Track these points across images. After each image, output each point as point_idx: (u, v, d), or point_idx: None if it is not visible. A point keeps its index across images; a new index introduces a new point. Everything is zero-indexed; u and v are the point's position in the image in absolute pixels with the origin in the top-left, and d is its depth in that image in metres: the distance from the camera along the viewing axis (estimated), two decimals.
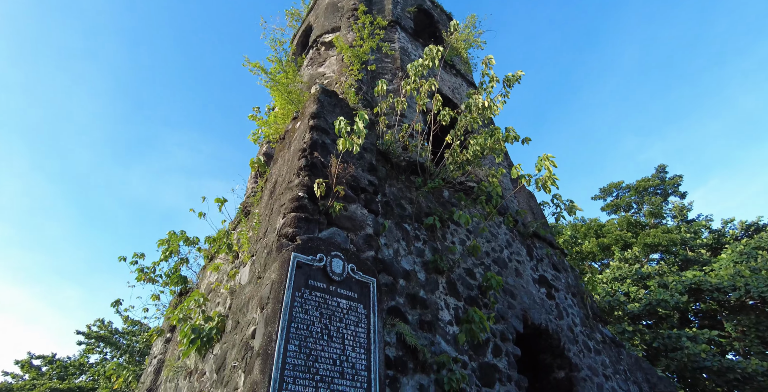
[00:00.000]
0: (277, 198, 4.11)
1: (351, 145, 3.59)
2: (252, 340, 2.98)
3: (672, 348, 15.77)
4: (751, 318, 18.48)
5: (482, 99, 5.80)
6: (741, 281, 18.24)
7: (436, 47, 5.64)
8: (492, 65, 5.93)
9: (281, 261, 3.05)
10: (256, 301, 3.14)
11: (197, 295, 5.47)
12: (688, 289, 18.78)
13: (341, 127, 3.66)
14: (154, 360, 8.14)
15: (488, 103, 5.77)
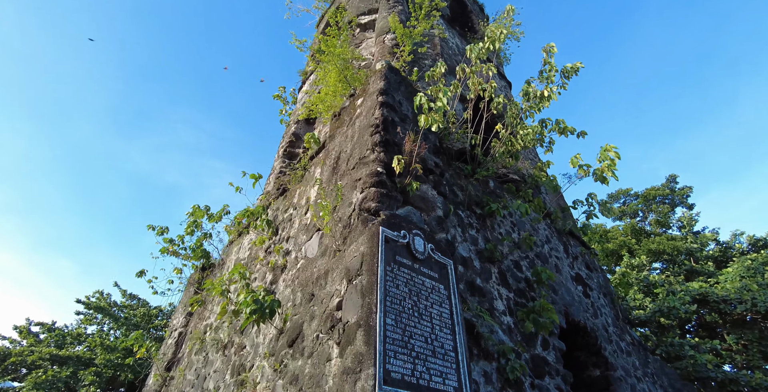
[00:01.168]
0: (346, 173, 4.00)
1: (432, 122, 3.47)
2: (338, 312, 2.90)
3: (675, 357, 15.79)
4: (754, 333, 18.51)
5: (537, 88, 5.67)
6: (748, 295, 18.24)
7: (499, 28, 5.49)
8: (554, 53, 5.78)
9: (370, 235, 2.95)
10: (339, 273, 3.05)
11: (240, 268, 5.39)
12: (694, 299, 18.83)
13: (422, 103, 3.54)
14: (175, 333, 8.09)
15: (547, 93, 5.64)
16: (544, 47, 5.89)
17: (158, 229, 9.17)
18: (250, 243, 7.39)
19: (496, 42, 5.67)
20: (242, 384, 4.70)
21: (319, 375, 2.60)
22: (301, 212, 5.87)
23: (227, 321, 6.25)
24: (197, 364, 6.55)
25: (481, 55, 5.48)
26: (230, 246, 8.57)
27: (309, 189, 6.03)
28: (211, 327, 6.93)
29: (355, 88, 5.43)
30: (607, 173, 4.73)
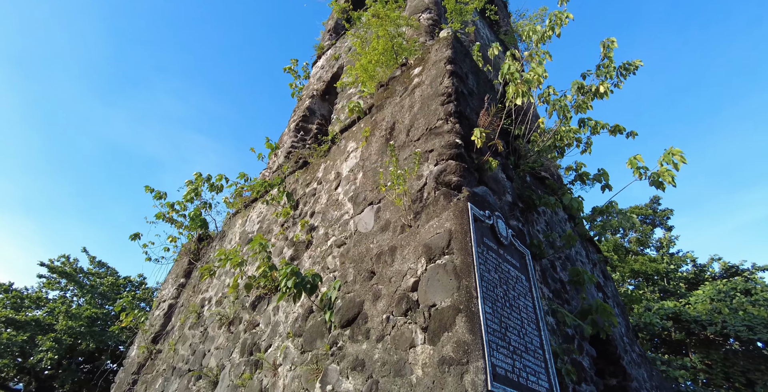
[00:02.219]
0: (408, 144, 3.63)
1: (519, 95, 3.15)
2: (413, 293, 2.55)
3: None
4: (719, 354, 19.15)
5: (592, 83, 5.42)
6: (719, 318, 18.85)
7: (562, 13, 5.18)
8: (613, 48, 5.52)
9: (457, 211, 2.61)
10: (412, 251, 2.70)
11: (261, 240, 4.96)
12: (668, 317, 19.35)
13: (512, 71, 3.20)
14: (164, 304, 7.57)
15: (603, 89, 5.39)
16: (603, 41, 5.61)
17: (156, 193, 8.56)
18: (261, 217, 6.92)
19: (556, 27, 5.36)
20: (257, 364, 4.31)
21: (397, 362, 2.26)
22: (330, 187, 5.46)
23: (232, 296, 5.81)
24: (193, 339, 6.09)
25: (542, 40, 5.17)
26: (233, 218, 8.06)
27: (340, 163, 5.62)
28: (210, 301, 6.46)
29: (406, 58, 5.04)
30: (665, 179, 4.51)
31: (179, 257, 8.47)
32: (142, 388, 6.43)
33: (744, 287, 21.64)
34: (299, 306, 4.32)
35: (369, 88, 5.58)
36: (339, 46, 11.37)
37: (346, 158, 5.54)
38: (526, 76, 3.30)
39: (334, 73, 10.24)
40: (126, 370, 7.05)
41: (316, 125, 9.82)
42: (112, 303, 30.38)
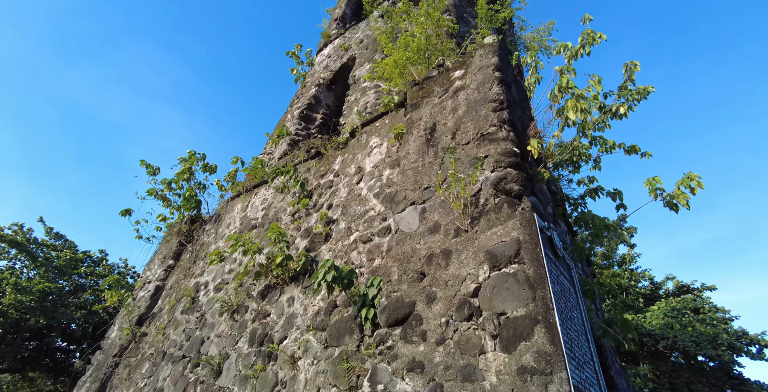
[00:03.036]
0: (457, 147, 3.63)
1: (579, 112, 3.21)
2: (474, 299, 2.56)
3: None
4: (668, 365, 20.43)
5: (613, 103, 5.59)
6: (671, 333, 20.07)
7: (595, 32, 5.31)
8: (636, 71, 5.71)
9: (524, 221, 2.64)
10: (471, 256, 2.72)
11: (278, 229, 4.86)
12: None
13: (570, 85, 3.27)
14: (149, 286, 7.28)
15: (623, 110, 5.57)
16: (626, 63, 5.80)
17: (150, 168, 8.18)
18: (266, 204, 6.75)
19: (587, 46, 5.49)
20: (270, 356, 4.21)
21: (465, 368, 2.26)
22: (350, 180, 5.38)
23: (234, 283, 5.64)
24: (187, 324, 5.87)
25: (575, 56, 5.28)
26: (231, 202, 7.81)
27: (361, 157, 5.55)
28: (207, 287, 6.25)
29: (443, 59, 5.02)
30: (681, 201, 4.71)
31: (169, 237, 8.13)
32: (125, 372, 6.15)
33: (693, 305, 23.08)
34: (320, 299, 4.25)
35: (398, 85, 5.52)
36: (348, 37, 11.18)
37: (369, 153, 5.48)
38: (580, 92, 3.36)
39: (343, 64, 10.08)
40: (106, 352, 6.72)
41: (321, 114, 9.65)
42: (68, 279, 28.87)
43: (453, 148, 3.65)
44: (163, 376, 5.40)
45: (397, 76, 5.55)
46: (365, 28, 10.68)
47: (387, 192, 4.60)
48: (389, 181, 4.72)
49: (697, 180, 4.71)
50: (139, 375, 5.86)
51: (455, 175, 3.06)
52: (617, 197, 5.45)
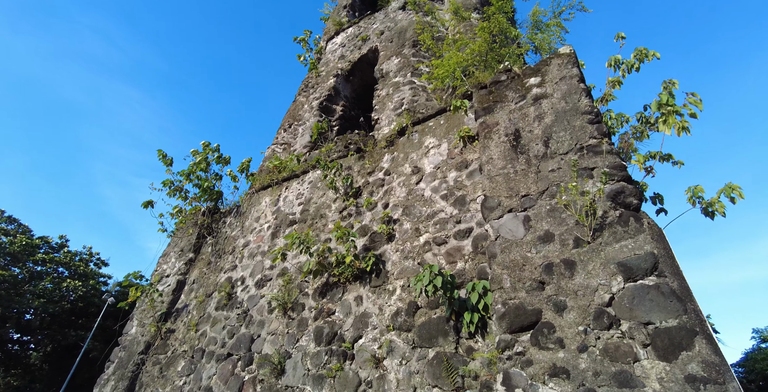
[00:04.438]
0: (553, 157, 3.74)
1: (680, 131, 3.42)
2: (608, 308, 2.71)
3: None
4: None
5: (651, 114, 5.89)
6: None
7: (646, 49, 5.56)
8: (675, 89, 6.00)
9: (656, 235, 2.81)
10: (599, 267, 2.86)
11: (343, 229, 4.84)
12: None
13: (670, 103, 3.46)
14: (170, 280, 7.01)
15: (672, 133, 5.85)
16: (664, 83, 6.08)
17: (165, 159, 7.77)
18: (303, 198, 6.62)
19: (637, 62, 5.70)
20: (345, 355, 4.21)
21: (620, 374, 2.40)
22: (407, 180, 5.39)
23: (281, 280, 5.55)
24: (226, 321, 5.71)
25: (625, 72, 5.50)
26: (257, 195, 7.58)
27: (417, 157, 5.56)
28: (244, 282, 6.10)
29: (510, 64, 5.08)
30: (719, 210, 5.06)
31: (184, 229, 7.79)
32: (155, 370, 5.92)
33: None
34: (396, 299, 4.29)
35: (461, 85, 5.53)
36: (364, 27, 10.98)
37: (425, 154, 5.49)
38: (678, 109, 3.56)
39: (363, 55, 9.91)
40: (128, 349, 6.42)
41: (341, 106, 9.49)
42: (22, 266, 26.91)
43: (545, 156, 3.76)
44: (208, 375, 5.26)
45: (456, 77, 5.56)
46: (384, 19, 10.51)
47: (458, 195, 4.66)
48: (458, 183, 4.78)
49: (738, 191, 5.07)
50: (174, 373, 5.66)
51: (576, 187, 3.18)
52: (657, 201, 5.79)
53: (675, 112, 3.62)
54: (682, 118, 3.58)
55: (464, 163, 4.91)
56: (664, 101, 3.62)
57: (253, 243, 6.68)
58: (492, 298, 3.29)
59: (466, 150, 5.05)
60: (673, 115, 3.59)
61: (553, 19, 6.40)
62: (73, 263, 27.07)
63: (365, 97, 10.49)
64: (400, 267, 4.53)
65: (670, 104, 3.63)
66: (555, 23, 6.36)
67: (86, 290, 25.20)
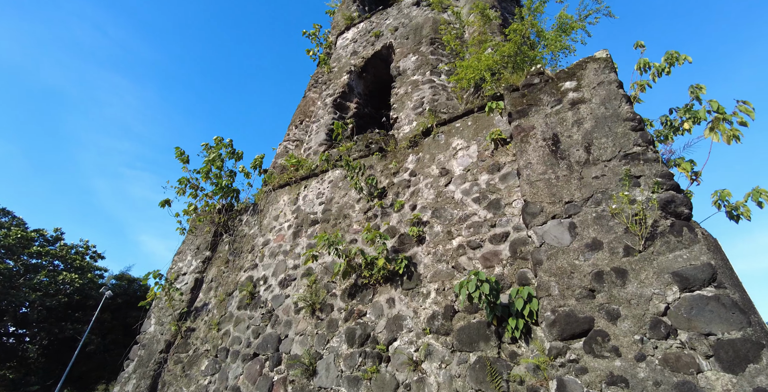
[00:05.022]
0: (595, 163, 3.75)
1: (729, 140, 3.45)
2: (664, 317, 2.74)
3: None
4: None
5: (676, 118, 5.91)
6: None
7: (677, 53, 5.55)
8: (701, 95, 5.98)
9: (711, 246, 2.84)
10: (652, 277, 2.89)
11: (376, 232, 4.83)
12: None
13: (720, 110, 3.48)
14: (186, 278, 6.98)
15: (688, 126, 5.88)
16: (691, 86, 6.07)
17: (182, 157, 7.68)
18: (324, 198, 6.58)
19: (668, 66, 5.69)
20: (380, 357, 4.23)
21: (683, 385, 2.44)
22: (435, 182, 5.38)
23: (307, 280, 5.54)
24: (250, 321, 5.70)
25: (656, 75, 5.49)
26: (274, 193, 7.53)
27: (444, 158, 5.55)
28: (267, 282, 6.08)
29: (541, 67, 5.06)
30: (745, 214, 5.11)
31: (206, 228, 7.72)
32: (177, 368, 5.90)
33: None
34: (431, 302, 4.30)
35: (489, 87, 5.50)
36: (377, 22, 10.87)
37: (453, 155, 5.48)
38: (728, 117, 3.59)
39: (376, 52, 9.83)
40: (148, 347, 6.38)
41: (355, 103, 9.42)
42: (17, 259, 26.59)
43: (587, 163, 3.77)
44: (235, 374, 5.25)
45: (484, 79, 5.53)
46: (397, 14, 10.41)
47: (491, 198, 4.67)
48: (491, 186, 4.78)
49: (765, 194, 5.11)
50: (198, 373, 5.65)
51: (626, 196, 3.19)
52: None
53: (725, 119, 3.64)
54: (732, 125, 3.60)
55: (496, 166, 4.91)
56: (715, 108, 3.65)
57: (274, 242, 6.64)
58: (540, 305, 3.31)
59: (497, 152, 5.04)
60: (722, 123, 3.61)
61: (578, 21, 6.37)
62: (69, 256, 26.79)
63: (378, 94, 10.43)
64: (433, 270, 4.54)
65: (720, 112, 3.65)
66: (581, 26, 6.33)
67: (83, 283, 24.99)
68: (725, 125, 3.62)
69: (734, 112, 3.65)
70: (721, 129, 3.63)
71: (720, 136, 3.66)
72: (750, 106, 3.57)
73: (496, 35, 7.58)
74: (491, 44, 5.93)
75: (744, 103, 3.60)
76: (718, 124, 3.67)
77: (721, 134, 3.64)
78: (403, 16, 10.20)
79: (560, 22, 6.20)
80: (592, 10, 6.68)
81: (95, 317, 22.13)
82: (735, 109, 3.65)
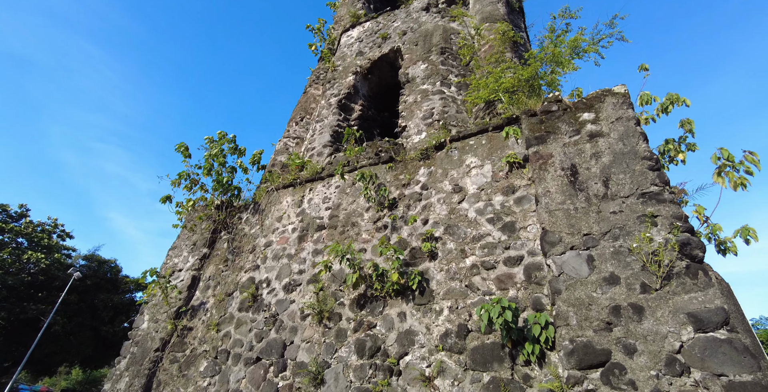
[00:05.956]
0: (613, 198, 3.95)
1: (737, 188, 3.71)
2: (678, 355, 2.96)
3: None
4: None
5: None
6: None
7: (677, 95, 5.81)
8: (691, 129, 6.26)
9: (725, 291, 3.08)
10: (668, 315, 3.11)
11: (391, 247, 4.92)
12: None
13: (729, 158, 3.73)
14: (182, 274, 6.89)
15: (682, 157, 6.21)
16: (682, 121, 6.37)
17: (185, 152, 7.50)
18: (330, 203, 6.59)
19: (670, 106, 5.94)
20: (391, 370, 4.35)
21: None
22: (447, 198, 5.49)
23: (313, 287, 5.58)
24: (252, 324, 5.71)
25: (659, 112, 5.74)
26: (277, 193, 7.47)
27: (457, 175, 5.66)
28: (270, 285, 6.08)
29: (558, 95, 5.22)
30: (732, 249, 5.47)
31: (204, 224, 7.57)
32: (173, 368, 5.85)
33: None
34: (445, 320, 4.43)
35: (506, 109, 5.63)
36: (384, 24, 10.80)
37: (467, 173, 5.60)
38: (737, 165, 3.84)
39: (383, 54, 9.79)
40: (141, 345, 6.28)
41: (360, 106, 9.39)
42: None
43: (605, 197, 3.97)
44: (236, 378, 5.27)
45: (501, 99, 5.65)
46: (405, 18, 10.38)
47: (506, 220, 4.82)
48: (506, 208, 4.93)
49: (754, 233, 5.47)
50: (196, 373, 5.63)
51: (647, 237, 3.39)
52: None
53: (733, 167, 3.89)
54: (740, 174, 3.86)
55: (511, 188, 5.06)
56: (725, 156, 3.89)
57: (277, 244, 6.62)
58: (558, 333, 3.50)
59: (512, 175, 5.19)
60: (730, 171, 3.86)
61: (592, 45, 6.57)
62: (35, 234, 25.61)
63: (382, 97, 10.42)
64: (446, 287, 4.67)
65: (729, 159, 3.89)
66: (594, 50, 6.54)
67: (49, 263, 24.00)
68: (733, 172, 3.89)
69: (741, 161, 3.91)
70: (729, 176, 3.89)
71: (727, 182, 3.92)
72: (756, 157, 3.83)
73: (507, 51, 7.70)
74: (509, 66, 6.05)
75: (751, 154, 3.86)
76: (723, 170, 3.94)
77: (729, 181, 3.90)
78: (411, 20, 10.18)
79: (573, 46, 6.38)
80: (605, 35, 6.89)
81: (62, 298, 21.34)
82: (742, 157, 3.92)
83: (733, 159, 3.94)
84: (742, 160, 3.92)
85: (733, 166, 3.92)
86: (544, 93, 5.86)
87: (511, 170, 5.25)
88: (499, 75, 5.94)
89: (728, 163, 3.97)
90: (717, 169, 4.04)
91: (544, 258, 4.12)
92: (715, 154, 4.06)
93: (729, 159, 3.95)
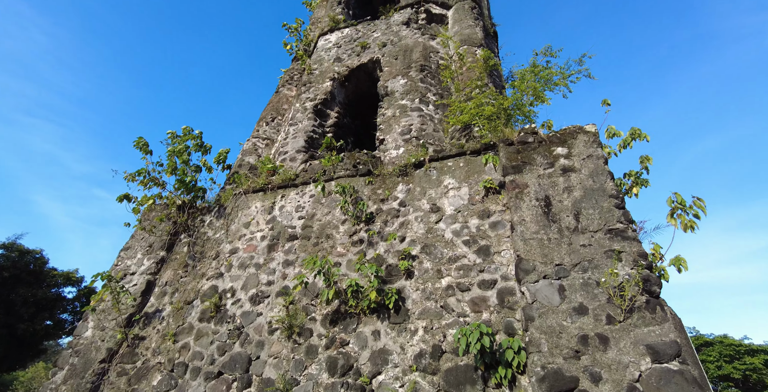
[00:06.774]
0: (583, 232, 4.26)
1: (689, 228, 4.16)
2: (637, 383, 3.26)
3: None
4: None
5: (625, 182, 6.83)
6: None
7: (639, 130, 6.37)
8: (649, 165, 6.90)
9: (678, 325, 3.43)
10: (629, 346, 3.41)
11: (365, 263, 4.95)
12: None
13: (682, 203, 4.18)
14: (136, 278, 6.50)
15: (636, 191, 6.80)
16: (641, 158, 7.00)
17: (145, 148, 7.03)
18: (304, 212, 6.49)
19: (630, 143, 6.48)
20: (362, 389, 4.36)
21: None
22: (425, 217, 5.61)
23: (282, 300, 5.46)
24: (215, 336, 5.47)
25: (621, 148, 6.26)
26: (245, 198, 7.21)
27: (435, 194, 5.80)
28: (235, 295, 5.86)
29: (534, 127, 5.53)
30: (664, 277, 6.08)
31: (162, 225, 7.11)
32: (121, 381, 5.44)
33: None
34: (419, 340, 4.53)
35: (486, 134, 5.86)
36: (364, 32, 10.82)
37: (445, 193, 5.76)
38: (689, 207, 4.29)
39: (362, 64, 9.81)
40: (84, 355, 5.77)
41: (336, 113, 9.32)
42: None
43: (575, 230, 4.28)
44: None
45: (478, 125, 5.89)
46: (386, 30, 10.47)
47: (481, 244, 5.02)
48: (481, 232, 5.14)
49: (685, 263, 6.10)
50: (148, 387, 5.28)
51: (615, 273, 3.71)
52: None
53: (684, 210, 4.35)
54: (690, 217, 4.32)
55: (486, 212, 5.28)
56: (679, 201, 4.32)
57: (243, 251, 6.40)
58: (530, 359, 3.72)
59: (488, 199, 5.42)
60: (681, 213, 4.31)
61: (561, 80, 7.04)
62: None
63: (356, 105, 10.41)
64: (422, 307, 4.78)
65: (681, 203, 4.34)
66: (563, 84, 7.01)
67: None
68: (684, 215, 4.35)
69: (690, 206, 4.39)
70: (681, 218, 4.35)
71: (679, 224, 4.38)
72: (703, 203, 4.32)
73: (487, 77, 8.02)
74: (491, 93, 6.33)
75: (699, 200, 4.35)
76: (676, 212, 4.40)
77: (680, 222, 4.36)
78: (392, 33, 10.29)
79: (544, 79, 6.80)
80: (574, 71, 7.40)
81: None
82: (691, 203, 4.39)
83: (684, 203, 4.41)
84: (692, 204, 4.40)
85: (684, 209, 4.39)
86: (520, 122, 6.20)
87: (487, 195, 5.48)
88: (481, 101, 6.19)
89: (680, 206, 4.43)
90: (671, 210, 4.50)
91: (517, 284, 4.36)
92: (670, 197, 4.51)
93: (681, 202, 4.41)
